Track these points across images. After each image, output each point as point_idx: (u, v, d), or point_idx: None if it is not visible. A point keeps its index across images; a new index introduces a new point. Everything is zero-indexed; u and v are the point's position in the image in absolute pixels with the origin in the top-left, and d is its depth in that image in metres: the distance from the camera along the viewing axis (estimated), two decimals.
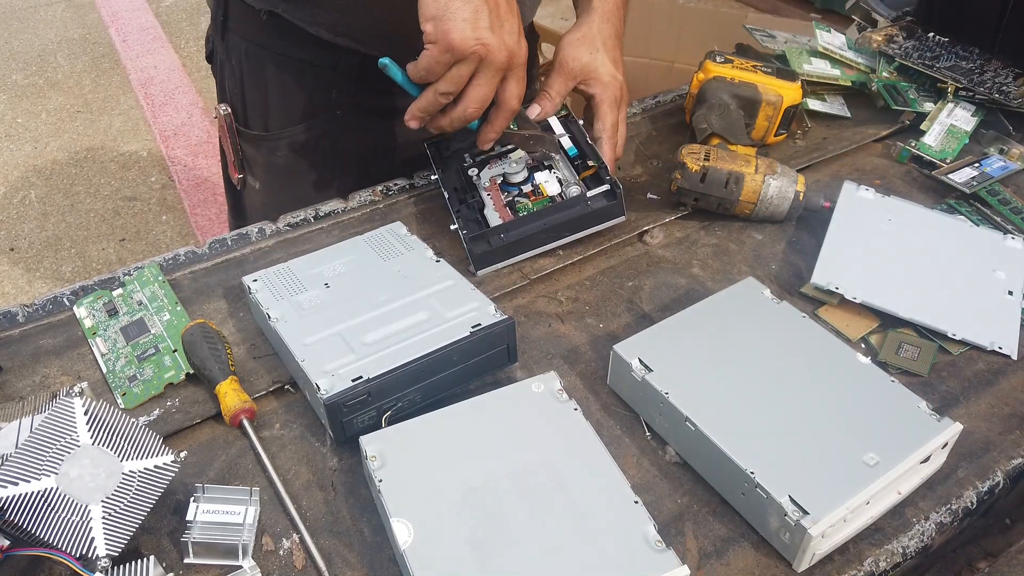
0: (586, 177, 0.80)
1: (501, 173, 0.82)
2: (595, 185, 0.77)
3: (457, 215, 0.78)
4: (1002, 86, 0.96)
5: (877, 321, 0.71)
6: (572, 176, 0.81)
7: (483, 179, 0.82)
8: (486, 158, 0.83)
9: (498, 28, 0.68)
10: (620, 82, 0.86)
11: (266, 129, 0.95)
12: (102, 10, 3.56)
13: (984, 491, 0.59)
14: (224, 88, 0.98)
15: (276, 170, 0.97)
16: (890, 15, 1.12)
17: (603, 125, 0.84)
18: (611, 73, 0.85)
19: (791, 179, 0.80)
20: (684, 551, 0.55)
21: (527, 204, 0.78)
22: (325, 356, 0.61)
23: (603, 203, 0.76)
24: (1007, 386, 0.66)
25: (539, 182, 0.80)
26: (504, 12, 0.69)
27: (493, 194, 0.80)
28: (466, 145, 0.85)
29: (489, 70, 0.70)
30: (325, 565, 0.54)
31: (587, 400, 0.65)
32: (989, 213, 0.83)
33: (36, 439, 0.51)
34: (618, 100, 0.85)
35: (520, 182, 0.81)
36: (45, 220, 2.45)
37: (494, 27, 0.68)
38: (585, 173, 0.80)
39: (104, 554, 0.49)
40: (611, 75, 0.85)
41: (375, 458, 0.55)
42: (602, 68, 0.85)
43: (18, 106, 2.98)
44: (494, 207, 0.79)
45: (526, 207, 0.78)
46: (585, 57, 0.85)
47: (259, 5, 0.87)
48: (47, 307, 0.73)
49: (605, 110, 0.84)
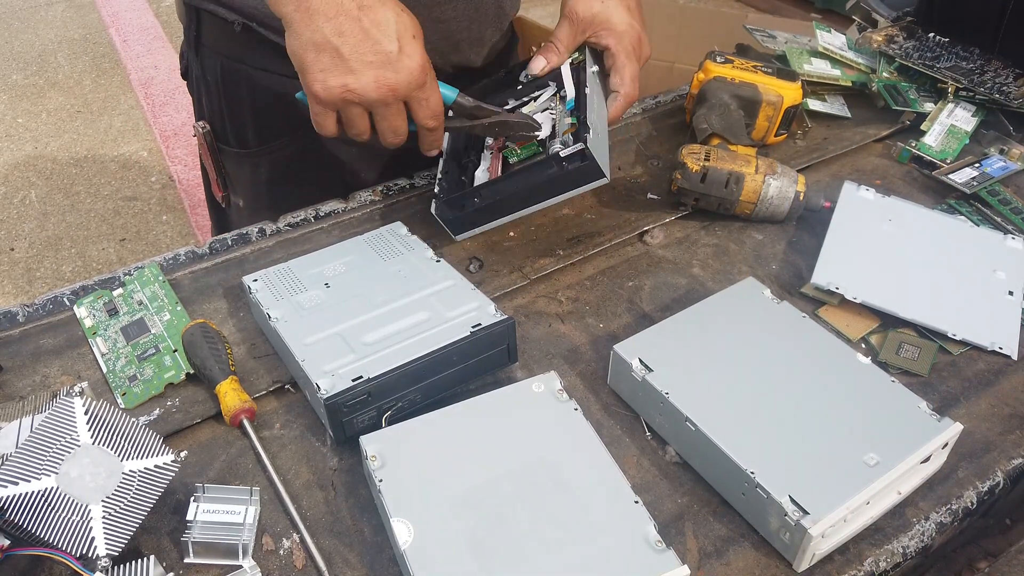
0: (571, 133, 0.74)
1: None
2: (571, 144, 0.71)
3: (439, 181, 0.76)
4: (1002, 86, 0.96)
5: (877, 321, 0.71)
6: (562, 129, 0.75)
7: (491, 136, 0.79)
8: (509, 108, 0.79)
9: (365, 66, 0.63)
10: (637, 31, 0.78)
11: (247, 145, 0.93)
12: (102, 10, 3.56)
13: (984, 491, 0.59)
14: (202, 105, 0.95)
15: (260, 186, 0.94)
16: (890, 15, 1.11)
17: (621, 78, 0.77)
18: (626, 21, 0.78)
19: (791, 179, 0.80)
20: (684, 551, 0.55)
21: (514, 149, 0.75)
22: (325, 356, 0.61)
23: (578, 163, 0.70)
24: (1007, 386, 0.66)
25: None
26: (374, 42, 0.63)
27: (495, 153, 0.76)
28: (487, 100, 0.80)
29: (378, 107, 0.66)
30: (325, 565, 0.54)
31: (587, 400, 0.65)
32: (989, 213, 0.83)
33: (36, 439, 0.51)
34: (636, 50, 0.78)
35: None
36: (45, 220, 2.45)
37: (358, 67, 0.63)
38: (567, 131, 0.74)
39: (104, 554, 0.49)
40: (626, 23, 0.78)
41: (375, 458, 0.55)
42: (616, 16, 0.78)
43: (18, 106, 2.98)
44: (488, 167, 0.75)
45: (513, 152, 0.75)
46: (596, 5, 0.78)
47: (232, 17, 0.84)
48: (47, 307, 0.73)
49: (623, 60, 0.77)
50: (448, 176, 0.76)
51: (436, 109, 0.69)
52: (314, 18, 0.63)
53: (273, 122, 0.91)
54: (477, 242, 0.80)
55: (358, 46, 0.63)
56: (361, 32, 0.63)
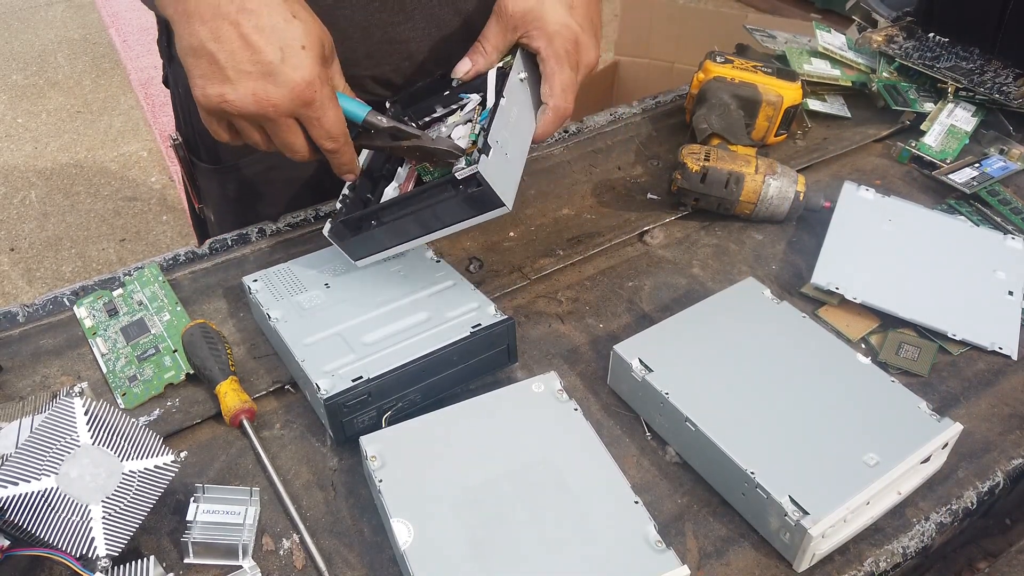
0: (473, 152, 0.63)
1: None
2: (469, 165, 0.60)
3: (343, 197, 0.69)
4: (1002, 86, 0.96)
5: (877, 321, 0.71)
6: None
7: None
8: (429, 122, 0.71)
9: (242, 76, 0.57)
10: (574, 32, 0.67)
11: (217, 161, 0.90)
12: (102, 10, 3.56)
13: (984, 491, 0.59)
14: (178, 116, 0.92)
15: (228, 203, 0.91)
16: (890, 15, 1.11)
17: (550, 88, 0.67)
18: (561, 21, 0.66)
19: (791, 179, 0.80)
20: (684, 551, 0.55)
21: (427, 167, 0.67)
22: (325, 356, 0.61)
23: (473, 188, 0.60)
24: (1007, 386, 0.66)
25: (456, 138, 0.67)
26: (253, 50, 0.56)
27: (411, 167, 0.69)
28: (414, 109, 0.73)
29: (263, 122, 0.60)
30: (325, 565, 0.54)
31: (587, 400, 0.65)
32: (989, 213, 0.83)
33: (36, 439, 0.51)
34: (571, 55, 0.67)
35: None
36: (45, 220, 2.45)
37: (235, 77, 0.57)
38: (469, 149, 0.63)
39: (104, 554, 0.49)
40: (560, 23, 0.66)
41: (375, 458, 0.55)
42: (550, 14, 0.66)
43: (18, 106, 2.98)
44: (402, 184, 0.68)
45: (426, 170, 0.67)
46: (530, 1, 0.66)
47: None
48: (47, 307, 0.73)
49: (553, 67, 0.66)
50: (355, 192, 0.69)
51: (332, 130, 0.61)
52: (191, 20, 0.57)
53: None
54: (477, 242, 0.80)
55: (235, 53, 0.57)
56: (239, 38, 0.57)
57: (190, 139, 0.92)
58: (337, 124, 0.62)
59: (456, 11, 0.79)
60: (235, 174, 0.90)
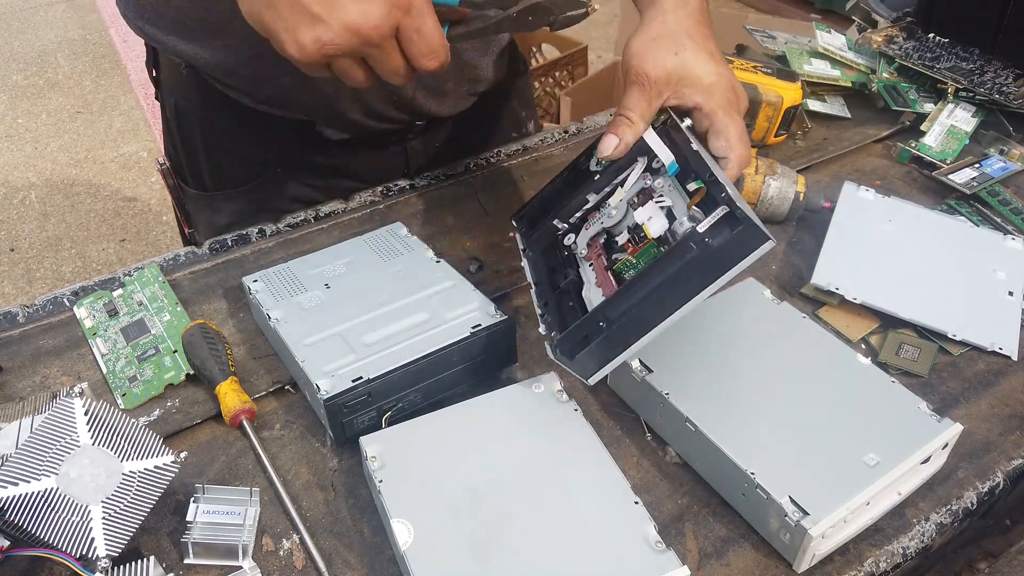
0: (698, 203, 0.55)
1: (601, 229, 0.61)
2: (709, 212, 0.52)
3: (542, 317, 0.59)
4: (1002, 87, 0.96)
5: (877, 322, 0.71)
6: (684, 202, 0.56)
7: (580, 245, 0.61)
8: (583, 215, 0.63)
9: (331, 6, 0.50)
10: (728, 79, 0.62)
11: (205, 189, 0.88)
12: (102, 10, 3.56)
13: (984, 492, 0.59)
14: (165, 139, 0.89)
15: (218, 232, 0.86)
16: (890, 16, 1.12)
17: (727, 141, 0.60)
18: (714, 71, 0.62)
19: (791, 180, 0.80)
20: (684, 551, 0.55)
21: (628, 260, 0.57)
22: (325, 356, 0.61)
23: (727, 235, 0.51)
24: (1007, 387, 0.66)
25: (640, 221, 0.58)
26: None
27: (595, 263, 0.59)
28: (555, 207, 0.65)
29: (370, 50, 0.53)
30: (325, 565, 0.54)
31: (587, 400, 0.65)
32: (989, 214, 0.83)
33: (36, 439, 0.51)
34: (732, 103, 0.62)
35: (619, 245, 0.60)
36: (45, 220, 2.45)
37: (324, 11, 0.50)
38: (694, 200, 0.55)
39: (104, 554, 0.49)
40: (713, 73, 0.62)
41: (375, 458, 0.55)
42: (698, 67, 0.61)
43: (18, 106, 2.98)
44: (596, 281, 0.58)
45: (628, 265, 0.57)
46: (669, 60, 0.61)
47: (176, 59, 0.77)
48: (47, 307, 0.73)
49: (723, 119, 0.60)
50: (551, 308, 0.59)
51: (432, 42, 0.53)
52: None
53: (231, 167, 0.86)
54: (477, 242, 0.80)
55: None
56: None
57: (178, 165, 0.90)
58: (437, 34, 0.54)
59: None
60: (224, 204, 0.88)
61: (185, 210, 0.92)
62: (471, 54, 0.84)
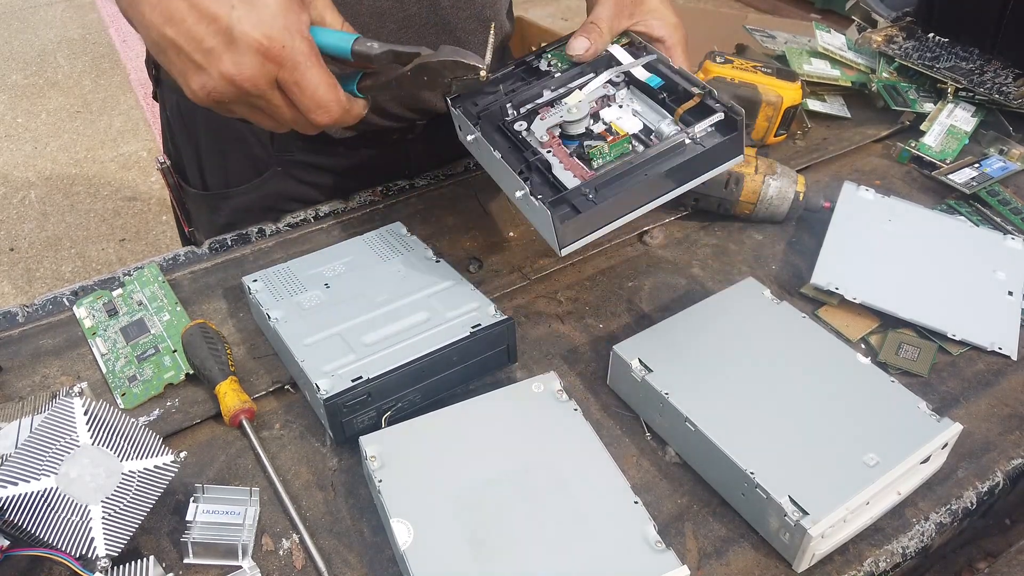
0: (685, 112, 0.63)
1: (558, 122, 0.65)
2: (701, 118, 0.61)
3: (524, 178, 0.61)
4: (1002, 87, 0.96)
5: (877, 321, 0.71)
6: (657, 111, 0.64)
7: (537, 132, 0.65)
8: (534, 108, 0.67)
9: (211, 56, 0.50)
10: (683, 27, 0.71)
11: (206, 188, 0.89)
12: (102, 10, 3.56)
13: (984, 491, 0.59)
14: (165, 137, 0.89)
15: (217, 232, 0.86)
16: (890, 15, 1.12)
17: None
18: (673, 14, 0.71)
19: (791, 179, 0.80)
20: (684, 551, 0.55)
21: (602, 149, 0.61)
22: (325, 356, 0.61)
23: (717, 139, 0.60)
24: (1007, 386, 0.66)
25: (610, 119, 0.64)
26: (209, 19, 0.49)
27: (556, 149, 0.63)
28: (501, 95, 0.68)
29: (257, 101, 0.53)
30: (325, 565, 0.54)
31: (587, 400, 0.65)
32: (989, 213, 0.83)
33: (36, 439, 0.51)
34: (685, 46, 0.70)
35: (583, 133, 0.65)
36: (45, 220, 2.45)
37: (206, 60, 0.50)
38: (686, 105, 0.63)
39: (104, 554, 0.49)
40: (674, 15, 0.71)
41: (375, 458, 0.55)
42: (663, 8, 0.70)
43: (18, 106, 2.98)
44: (563, 165, 0.62)
45: (600, 153, 0.61)
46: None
47: None
48: (47, 307, 0.73)
49: (679, 56, 0.69)
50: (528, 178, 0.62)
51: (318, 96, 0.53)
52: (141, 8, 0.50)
53: (231, 167, 0.87)
54: (477, 242, 0.80)
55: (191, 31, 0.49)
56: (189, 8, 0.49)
57: (178, 163, 0.90)
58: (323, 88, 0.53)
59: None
60: (224, 203, 0.89)
61: (185, 209, 0.92)
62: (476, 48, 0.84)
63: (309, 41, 0.52)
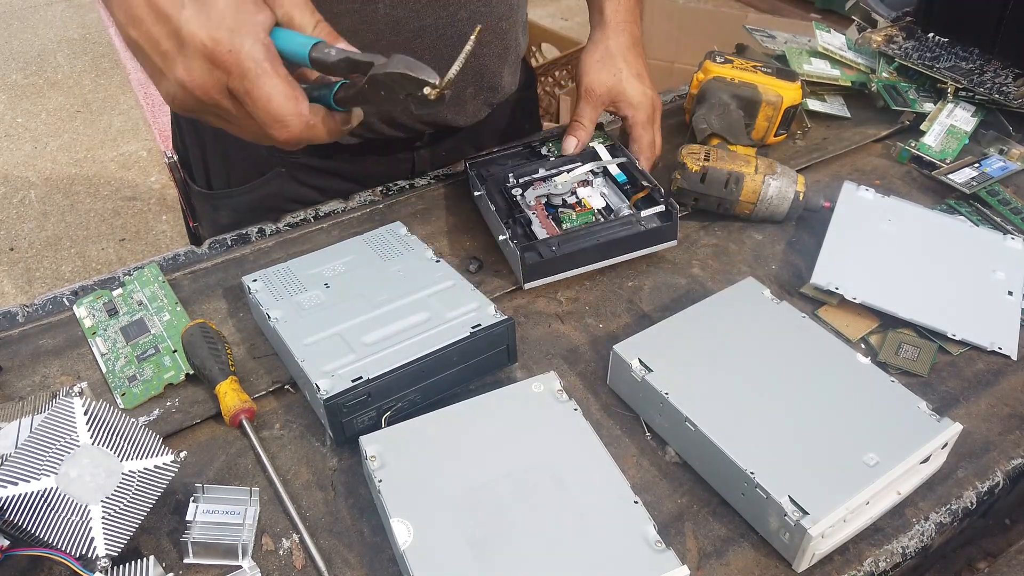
0: (638, 200, 0.79)
1: (545, 194, 0.80)
2: (647, 206, 0.77)
3: (507, 225, 0.76)
4: (1002, 86, 0.96)
5: (877, 321, 0.71)
6: (619, 197, 0.80)
7: (528, 198, 0.80)
8: (530, 180, 0.83)
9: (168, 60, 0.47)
10: (650, 97, 0.84)
11: (209, 187, 0.90)
12: (102, 10, 3.56)
13: (984, 491, 0.59)
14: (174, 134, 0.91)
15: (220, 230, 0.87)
16: (890, 15, 1.12)
17: (639, 146, 0.84)
18: (640, 91, 0.83)
19: (791, 179, 0.80)
20: (684, 551, 0.55)
21: (571, 215, 0.78)
22: (325, 356, 0.61)
23: (656, 224, 0.75)
24: (1007, 386, 0.66)
25: (582, 196, 0.80)
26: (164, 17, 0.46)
27: (539, 212, 0.78)
28: (508, 167, 0.84)
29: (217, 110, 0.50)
30: (325, 565, 0.54)
31: (587, 400, 0.65)
32: (989, 213, 0.83)
33: (36, 439, 0.51)
34: (651, 118, 0.84)
35: (560, 204, 0.80)
36: (45, 220, 2.45)
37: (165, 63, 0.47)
38: (637, 196, 0.79)
39: (104, 554, 0.49)
40: (640, 93, 0.83)
41: (375, 458, 0.55)
42: (629, 88, 0.83)
43: (18, 106, 2.98)
44: (540, 224, 0.77)
45: (570, 218, 0.77)
46: (609, 80, 0.83)
47: None
48: (47, 307, 0.73)
49: (639, 132, 0.84)
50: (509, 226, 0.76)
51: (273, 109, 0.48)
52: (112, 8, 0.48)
53: (234, 167, 0.87)
54: (477, 242, 0.80)
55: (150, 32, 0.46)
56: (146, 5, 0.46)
57: (185, 160, 0.91)
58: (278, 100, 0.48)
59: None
60: (227, 201, 0.89)
61: (191, 204, 0.93)
62: (492, 60, 0.87)
63: (266, 45, 0.47)
